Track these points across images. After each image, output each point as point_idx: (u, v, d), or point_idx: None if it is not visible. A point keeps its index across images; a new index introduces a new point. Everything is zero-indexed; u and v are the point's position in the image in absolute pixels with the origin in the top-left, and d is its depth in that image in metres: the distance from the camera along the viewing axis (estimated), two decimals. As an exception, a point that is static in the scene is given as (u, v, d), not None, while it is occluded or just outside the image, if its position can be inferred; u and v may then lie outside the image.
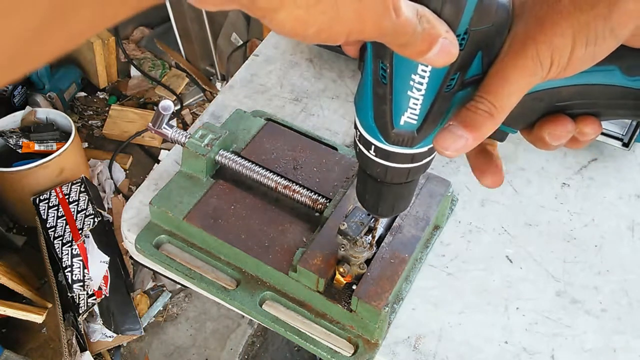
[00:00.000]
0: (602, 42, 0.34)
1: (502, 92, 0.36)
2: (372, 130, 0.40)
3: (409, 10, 0.30)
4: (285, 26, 0.27)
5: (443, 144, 0.37)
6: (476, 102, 0.37)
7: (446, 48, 0.32)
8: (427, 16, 0.31)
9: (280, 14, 0.26)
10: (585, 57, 0.35)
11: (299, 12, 0.26)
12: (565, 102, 0.40)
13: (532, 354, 0.64)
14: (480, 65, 0.37)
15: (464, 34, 0.33)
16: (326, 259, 0.62)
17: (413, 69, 0.35)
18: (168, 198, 0.70)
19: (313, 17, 0.27)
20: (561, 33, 0.34)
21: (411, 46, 0.31)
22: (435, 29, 0.31)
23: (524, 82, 0.36)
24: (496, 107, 0.36)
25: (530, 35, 0.35)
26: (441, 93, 0.36)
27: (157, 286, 1.92)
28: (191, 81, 2.49)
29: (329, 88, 0.90)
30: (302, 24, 0.27)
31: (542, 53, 0.35)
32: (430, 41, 0.31)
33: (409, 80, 0.36)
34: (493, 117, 0.36)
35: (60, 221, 1.74)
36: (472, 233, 0.73)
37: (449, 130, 0.37)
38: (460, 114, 0.37)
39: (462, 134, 0.37)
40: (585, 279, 0.70)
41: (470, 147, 0.37)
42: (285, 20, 0.27)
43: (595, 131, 0.41)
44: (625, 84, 0.39)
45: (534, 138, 0.42)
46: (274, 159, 0.74)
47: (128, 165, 2.24)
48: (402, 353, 0.64)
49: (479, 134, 0.37)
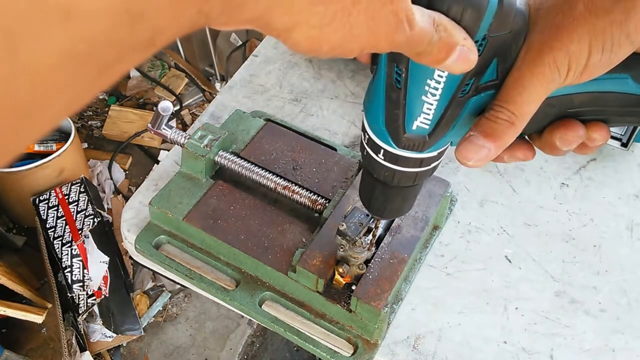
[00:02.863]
0: (618, 48, 0.35)
1: (521, 100, 0.36)
2: (382, 134, 0.40)
3: (424, 20, 0.30)
4: (300, 45, 0.27)
5: (466, 155, 0.38)
6: (496, 111, 0.37)
7: (464, 55, 0.32)
8: (444, 24, 0.31)
9: (294, 34, 0.27)
10: (602, 63, 0.35)
11: (313, 31, 0.27)
12: (576, 109, 0.40)
13: (531, 354, 0.64)
14: (495, 71, 0.37)
15: (482, 40, 0.33)
16: (325, 260, 0.62)
17: (429, 74, 0.35)
18: (168, 198, 0.70)
19: (327, 35, 0.27)
20: (577, 39, 0.35)
21: (428, 55, 0.31)
22: (452, 37, 0.31)
23: (542, 89, 0.36)
24: (516, 115, 0.37)
25: (546, 42, 0.35)
26: (455, 98, 0.36)
27: (156, 286, 1.92)
28: (190, 81, 2.49)
29: (328, 88, 0.90)
30: (317, 43, 0.27)
31: (559, 60, 0.35)
32: (448, 49, 0.31)
33: (424, 86, 0.36)
34: (514, 125, 0.37)
35: (60, 221, 1.75)
36: (471, 233, 0.74)
37: (471, 141, 0.38)
38: (481, 123, 0.38)
39: (483, 144, 0.37)
40: (584, 279, 0.70)
41: (492, 156, 0.38)
42: (300, 40, 0.27)
43: (604, 137, 0.41)
44: (637, 92, 0.39)
45: (543, 143, 0.42)
46: (274, 160, 0.74)
47: (128, 165, 2.24)
48: (402, 353, 0.64)
49: (500, 143, 0.37)
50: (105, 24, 0.19)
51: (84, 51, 0.19)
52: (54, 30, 0.18)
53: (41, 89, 0.19)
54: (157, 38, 0.21)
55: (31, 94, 0.18)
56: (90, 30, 0.19)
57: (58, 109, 0.20)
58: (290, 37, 0.27)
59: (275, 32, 0.26)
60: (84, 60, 0.19)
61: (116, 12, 0.19)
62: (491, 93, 0.38)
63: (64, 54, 0.18)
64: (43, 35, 0.18)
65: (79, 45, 0.18)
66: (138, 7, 0.20)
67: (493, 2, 0.32)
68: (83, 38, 0.18)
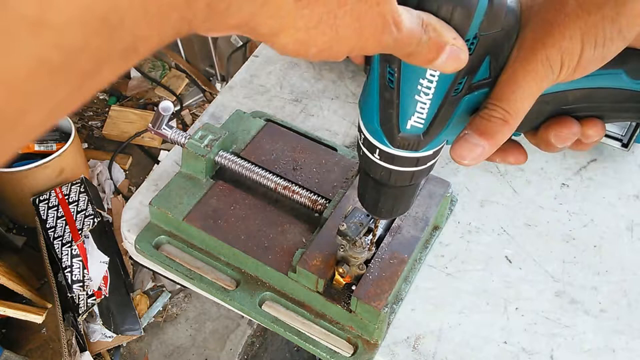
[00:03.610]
0: (611, 43, 0.35)
1: (515, 98, 0.36)
2: (377, 134, 0.40)
3: (412, 21, 0.30)
4: (287, 48, 0.27)
5: (460, 154, 0.38)
6: (489, 109, 0.37)
7: (455, 54, 0.32)
8: (432, 24, 0.31)
9: (281, 38, 0.27)
10: (594, 59, 0.35)
11: (299, 34, 0.27)
12: (571, 106, 0.40)
13: (531, 354, 0.64)
14: (488, 70, 0.37)
15: (473, 39, 0.34)
16: (326, 260, 0.62)
17: (421, 73, 0.35)
18: (168, 199, 0.70)
19: (313, 38, 0.27)
20: (570, 36, 0.35)
21: (418, 55, 0.31)
22: (441, 37, 0.31)
23: (535, 87, 0.36)
24: (510, 113, 0.37)
25: (538, 40, 0.35)
26: (449, 97, 0.36)
27: (156, 286, 1.92)
28: (191, 82, 2.50)
29: (329, 89, 0.90)
30: (304, 46, 0.27)
31: (552, 57, 0.35)
32: (438, 49, 0.31)
33: (417, 85, 0.36)
34: (508, 123, 0.37)
35: (60, 221, 1.75)
36: (471, 233, 0.74)
37: (465, 139, 0.38)
38: (475, 122, 0.38)
39: (478, 142, 0.37)
40: (585, 279, 0.70)
41: (487, 154, 0.38)
42: (287, 43, 0.27)
43: (600, 134, 0.41)
44: (631, 87, 0.39)
45: (539, 140, 0.42)
46: (274, 160, 0.74)
47: (128, 165, 2.24)
48: (402, 353, 0.64)
49: (495, 141, 0.37)
50: (79, 34, 0.19)
51: (58, 60, 0.19)
52: (25, 41, 0.18)
53: (18, 100, 0.18)
54: (138, 46, 0.21)
55: (8, 105, 0.18)
56: (62, 40, 0.18)
57: (39, 118, 0.20)
58: (277, 41, 0.27)
59: (262, 37, 0.26)
60: (60, 70, 0.19)
61: (89, 21, 0.19)
62: (484, 91, 0.38)
63: (38, 64, 0.18)
64: (14, 46, 0.17)
65: (52, 55, 0.18)
66: (115, 16, 0.19)
67: (483, 1, 0.32)
68: (56, 47, 0.18)
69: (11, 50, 0.18)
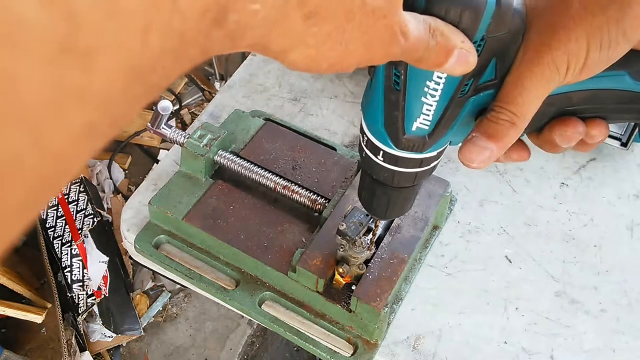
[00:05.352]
0: (616, 45, 0.35)
1: (522, 101, 0.36)
2: (381, 136, 0.40)
3: (419, 28, 0.30)
4: (298, 65, 0.28)
5: (470, 157, 0.38)
6: (497, 112, 0.37)
7: (464, 57, 0.32)
8: (440, 29, 0.31)
9: (292, 55, 0.27)
10: (600, 61, 0.36)
11: (310, 51, 0.27)
12: (575, 107, 0.40)
13: (532, 354, 0.64)
14: (494, 71, 0.37)
15: (480, 41, 0.34)
16: (326, 260, 0.62)
17: (429, 76, 0.35)
18: (167, 198, 0.70)
19: (323, 54, 0.27)
20: (575, 38, 0.35)
21: (426, 60, 0.31)
22: (450, 41, 0.31)
23: (542, 89, 0.36)
24: (517, 115, 0.37)
25: (544, 42, 0.35)
26: (455, 99, 0.36)
27: (156, 286, 1.91)
28: (190, 81, 2.49)
29: (328, 88, 0.90)
30: (314, 62, 0.28)
31: (558, 59, 0.35)
32: (447, 53, 0.31)
33: (424, 87, 0.36)
34: (515, 125, 0.37)
35: (60, 221, 1.75)
36: (471, 233, 0.74)
37: (474, 142, 0.38)
38: (483, 125, 0.38)
39: (486, 145, 0.37)
40: (585, 279, 0.70)
41: (496, 157, 0.38)
42: (298, 60, 0.27)
43: (604, 134, 0.41)
44: (635, 89, 0.39)
45: (543, 141, 0.42)
46: (273, 159, 0.74)
47: (127, 165, 2.24)
48: (402, 353, 0.64)
49: (503, 144, 0.38)
50: (118, 92, 0.19)
51: (99, 122, 0.19)
52: (72, 112, 0.18)
53: (60, 168, 0.19)
54: (162, 84, 0.22)
55: (51, 174, 0.19)
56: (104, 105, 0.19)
57: (75, 174, 0.21)
58: (288, 58, 0.27)
59: (273, 54, 0.27)
60: (98, 130, 0.20)
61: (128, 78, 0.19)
62: (490, 93, 0.38)
63: (82, 131, 0.19)
64: (63, 119, 0.18)
65: (94, 119, 0.19)
66: (147, 65, 0.20)
67: (491, 3, 0.32)
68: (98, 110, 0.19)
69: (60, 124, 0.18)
